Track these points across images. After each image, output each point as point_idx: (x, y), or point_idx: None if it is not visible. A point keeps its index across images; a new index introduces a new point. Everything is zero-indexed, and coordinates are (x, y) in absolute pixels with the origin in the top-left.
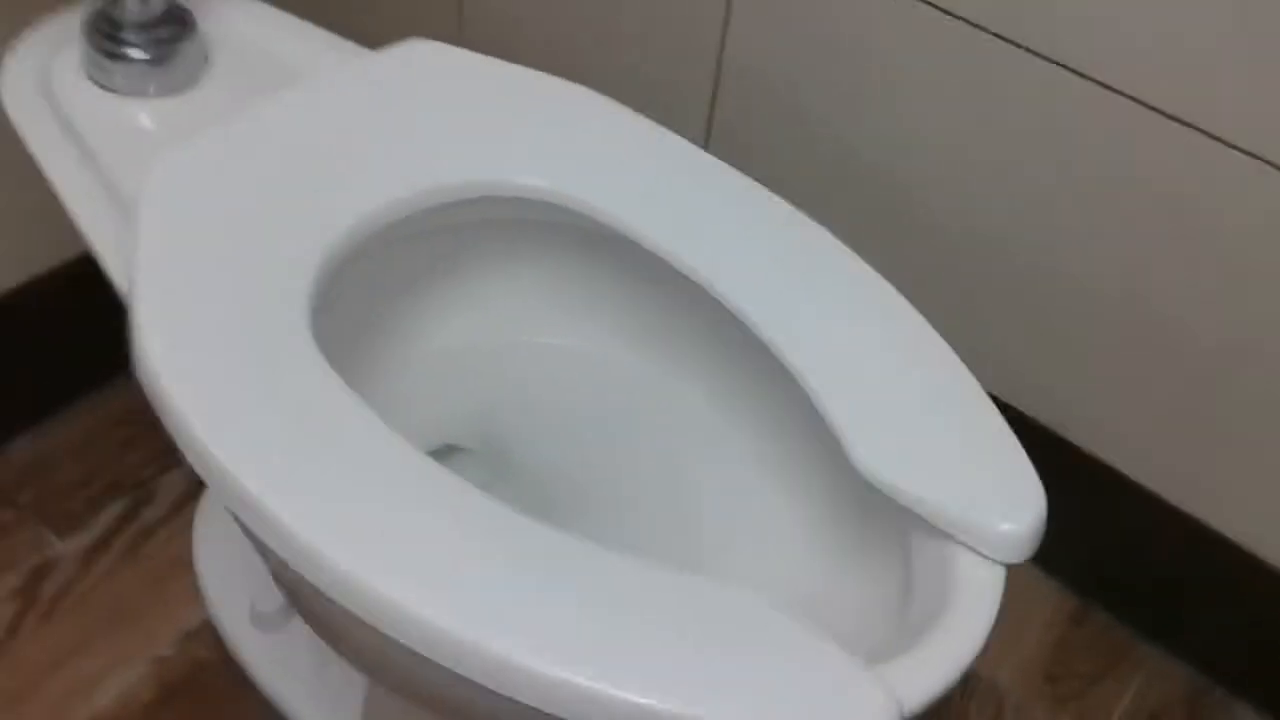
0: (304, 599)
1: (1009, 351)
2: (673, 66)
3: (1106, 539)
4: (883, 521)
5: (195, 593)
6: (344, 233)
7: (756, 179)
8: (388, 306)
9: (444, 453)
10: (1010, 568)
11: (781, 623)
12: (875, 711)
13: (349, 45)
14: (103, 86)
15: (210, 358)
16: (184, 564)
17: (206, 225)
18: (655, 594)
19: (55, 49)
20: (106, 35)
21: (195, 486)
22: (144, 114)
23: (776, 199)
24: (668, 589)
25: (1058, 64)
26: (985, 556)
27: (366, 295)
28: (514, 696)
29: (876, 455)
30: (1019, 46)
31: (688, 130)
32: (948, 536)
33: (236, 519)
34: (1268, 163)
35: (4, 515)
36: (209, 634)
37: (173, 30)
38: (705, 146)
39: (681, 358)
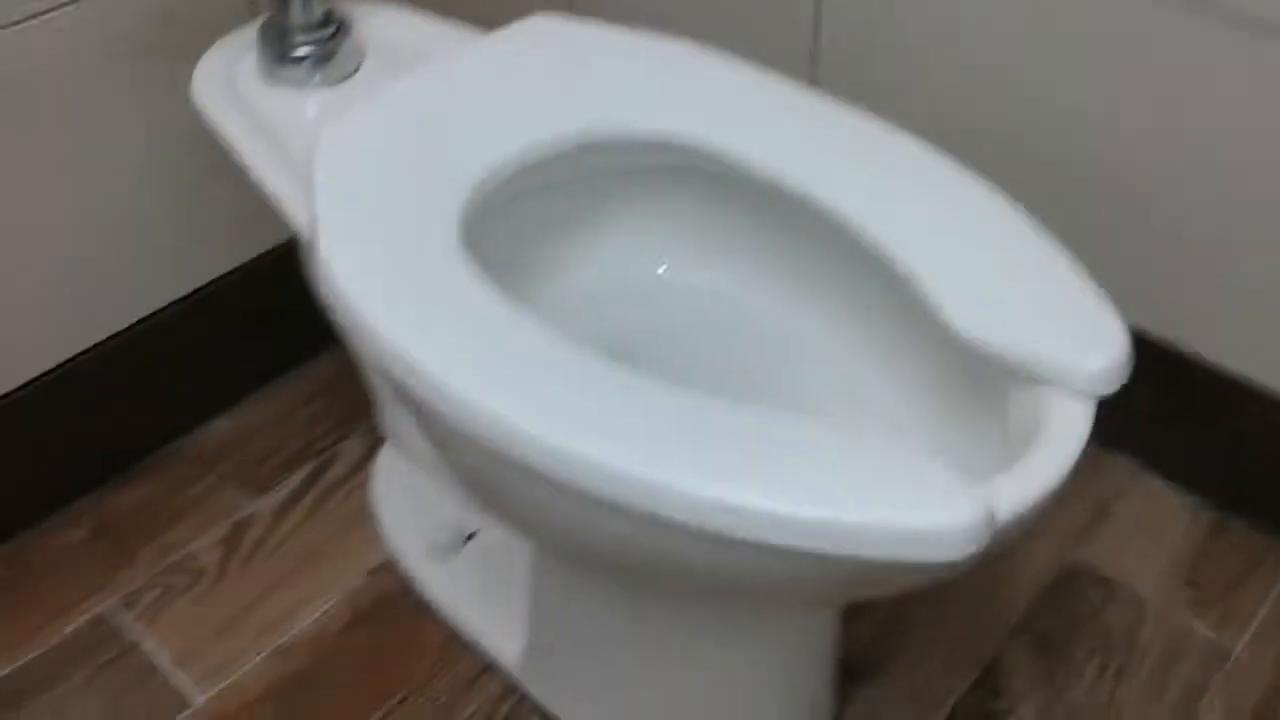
0: (468, 461)
1: (1133, 269)
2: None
3: (1240, 449)
4: (981, 379)
5: (375, 538)
6: (489, 172)
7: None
8: (537, 242)
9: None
10: (1101, 401)
11: (890, 449)
12: (970, 515)
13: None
14: (279, 84)
15: (382, 275)
16: (364, 516)
17: (370, 176)
18: (785, 433)
19: (237, 56)
20: (277, 39)
21: (371, 449)
22: (310, 102)
23: (869, 117)
24: (795, 429)
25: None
26: (1076, 391)
27: (518, 230)
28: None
29: (966, 315)
30: None
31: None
32: (1038, 379)
33: (414, 407)
34: None
35: (207, 481)
36: (391, 569)
37: (332, 32)
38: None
39: (801, 277)
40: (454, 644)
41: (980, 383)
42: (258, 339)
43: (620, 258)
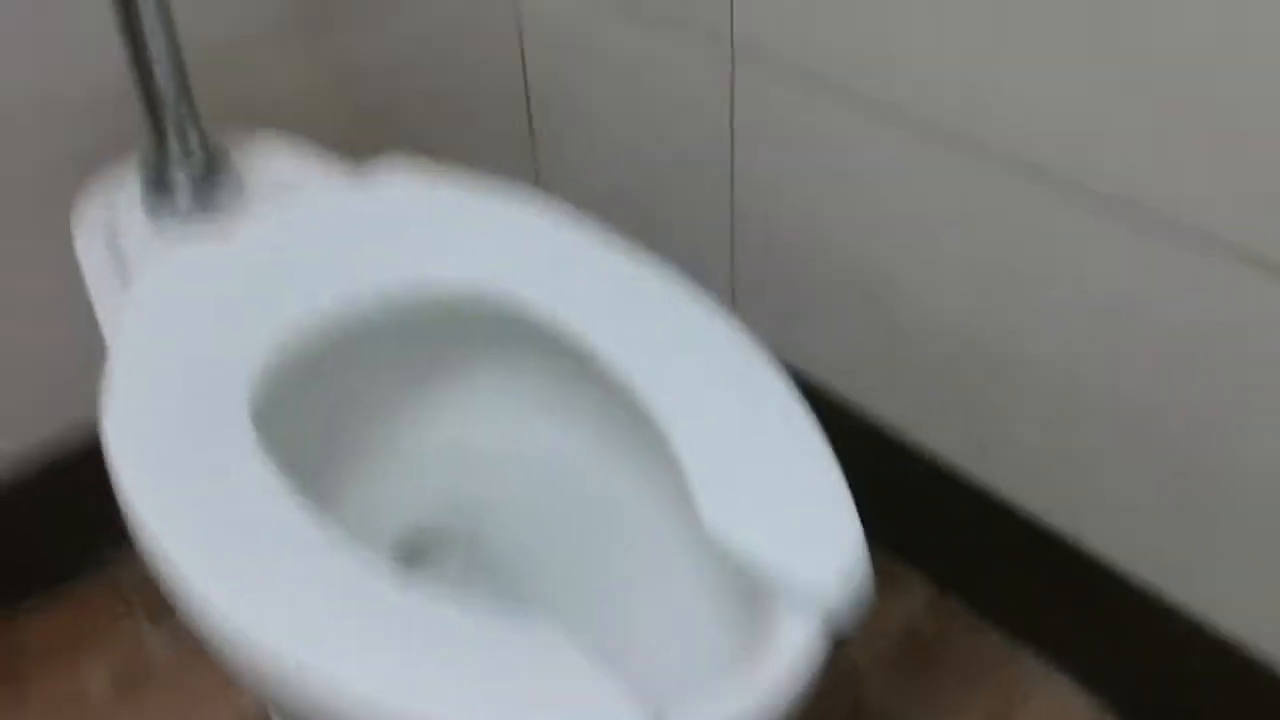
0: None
1: (1026, 455)
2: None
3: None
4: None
5: None
6: (291, 334)
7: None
8: (367, 402)
9: (429, 533)
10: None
11: (571, 656)
12: None
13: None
14: (155, 216)
15: (158, 452)
16: None
17: (178, 324)
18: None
19: (117, 190)
20: (154, 173)
21: None
22: (184, 234)
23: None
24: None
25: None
26: (803, 612)
27: (344, 391)
28: None
29: (718, 522)
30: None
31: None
32: (775, 592)
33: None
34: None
35: (118, 607)
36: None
37: (208, 164)
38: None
39: (616, 445)
40: None
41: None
42: None
43: (459, 417)
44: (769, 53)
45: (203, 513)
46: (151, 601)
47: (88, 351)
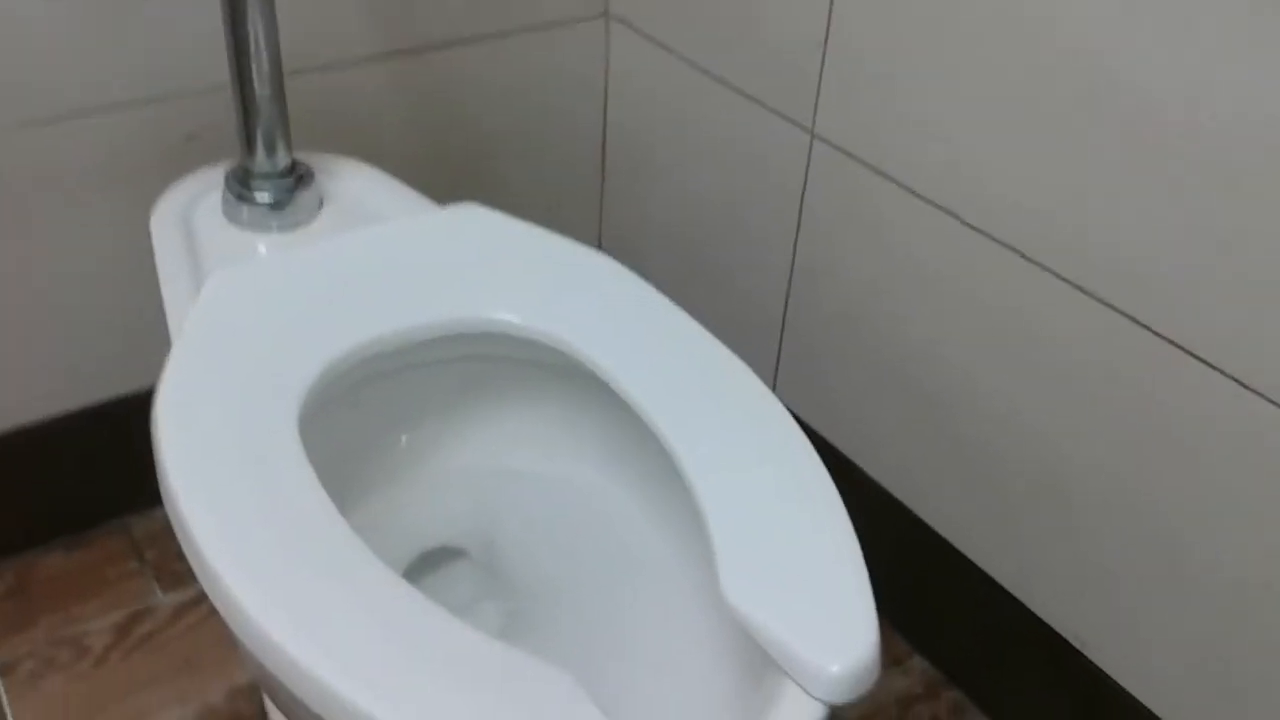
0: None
1: (1058, 572)
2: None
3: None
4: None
5: None
6: (344, 355)
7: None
8: (400, 425)
9: (445, 554)
10: (833, 709)
11: (584, 708)
12: None
13: (429, 204)
14: (233, 223)
15: (205, 452)
16: None
17: (235, 334)
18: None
19: (202, 193)
20: (240, 180)
21: None
22: (261, 244)
23: (738, 364)
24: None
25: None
26: (809, 694)
27: (380, 412)
28: None
29: (740, 589)
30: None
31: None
32: (782, 670)
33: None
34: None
35: (130, 564)
36: (254, 695)
37: (294, 181)
38: (780, 341)
39: (636, 485)
40: None
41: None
42: None
43: (491, 442)
44: (848, 145)
45: (240, 506)
46: (163, 563)
47: (143, 328)
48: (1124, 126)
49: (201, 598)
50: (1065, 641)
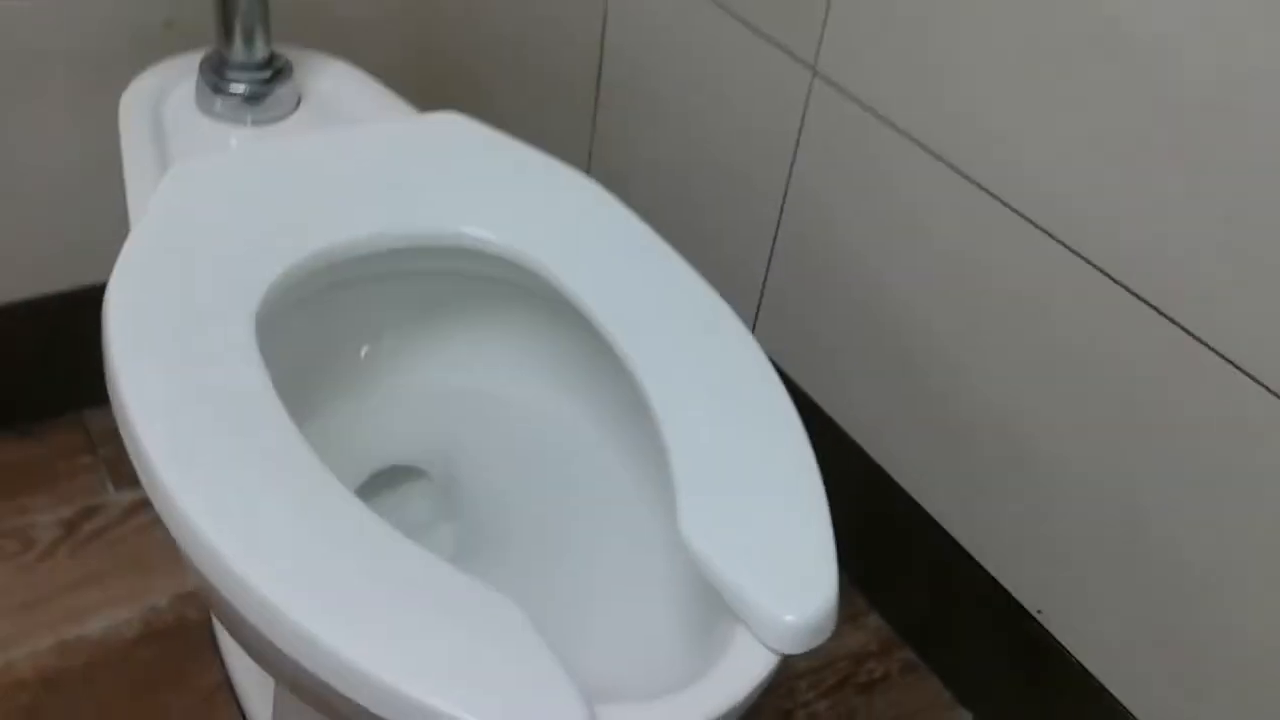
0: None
1: (1002, 528)
2: (745, 213)
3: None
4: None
5: None
6: (294, 264)
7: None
8: (364, 336)
9: (402, 472)
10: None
11: (528, 637)
12: None
13: (410, 109)
14: (205, 114)
15: (157, 349)
16: None
17: (193, 230)
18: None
19: (175, 81)
20: (215, 70)
21: None
22: (233, 137)
23: (717, 301)
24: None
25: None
26: (762, 643)
27: (342, 322)
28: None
29: (697, 528)
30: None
31: (751, 265)
32: (735, 615)
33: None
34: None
35: (83, 459)
36: (202, 600)
37: (271, 74)
38: (764, 279)
39: (601, 413)
40: (221, 692)
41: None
42: None
43: (453, 360)
44: (850, 86)
45: (188, 409)
46: (118, 459)
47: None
48: (1138, 86)
49: None
50: (1021, 607)
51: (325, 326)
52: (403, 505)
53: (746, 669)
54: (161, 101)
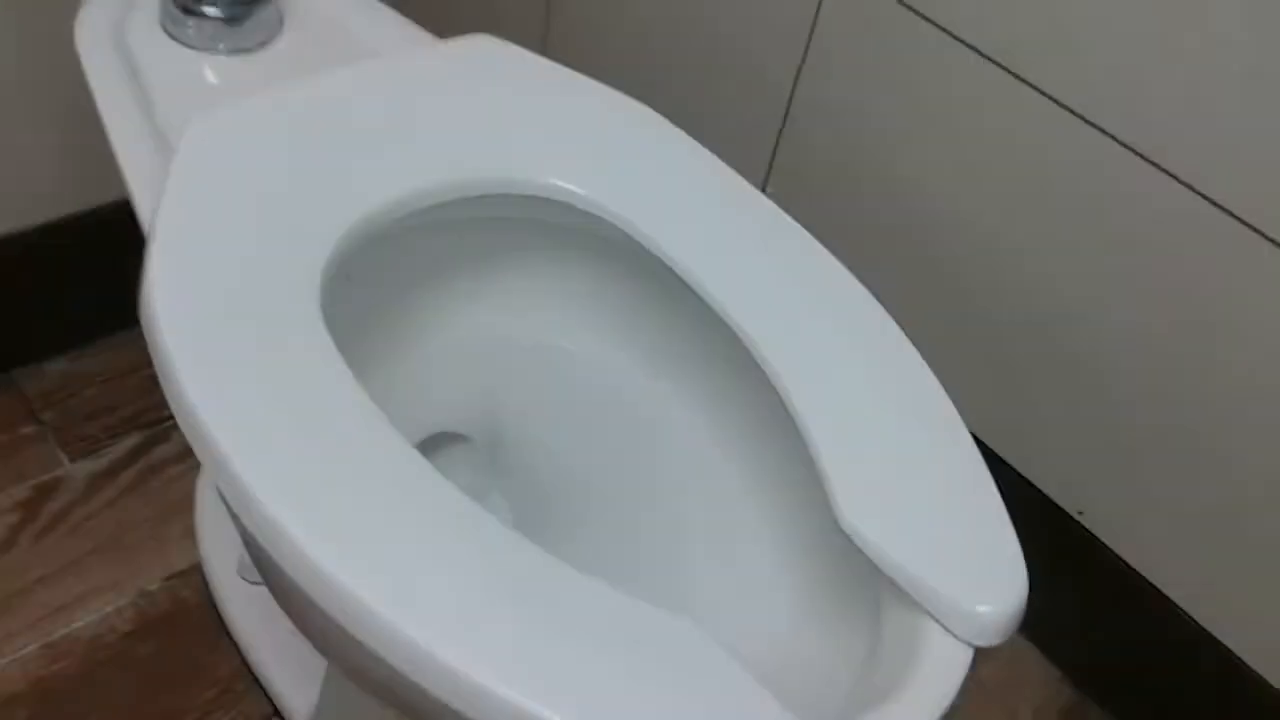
0: (267, 571)
1: (1038, 429)
2: (745, 97)
3: (1112, 634)
4: (860, 578)
5: (190, 536)
6: (366, 215)
7: (809, 213)
8: (409, 290)
9: (441, 439)
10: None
11: (717, 658)
12: None
13: (420, 33)
14: (175, 40)
15: (215, 325)
16: (185, 507)
17: (234, 188)
18: (603, 619)
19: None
20: None
21: None
22: (210, 69)
23: (807, 238)
24: (614, 613)
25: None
26: (955, 636)
27: (389, 276)
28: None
29: (861, 513)
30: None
31: (754, 146)
32: (920, 608)
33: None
34: None
35: (25, 429)
36: (196, 578)
37: None
38: (769, 169)
39: (691, 381)
40: (242, 679)
41: (859, 574)
42: (118, 282)
43: (510, 313)
44: None
45: (276, 420)
46: (66, 425)
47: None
48: None
49: (117, 468)
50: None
51: (367, 287)
52: (451, 470)
53: (948, 666)
54: (123, 27)
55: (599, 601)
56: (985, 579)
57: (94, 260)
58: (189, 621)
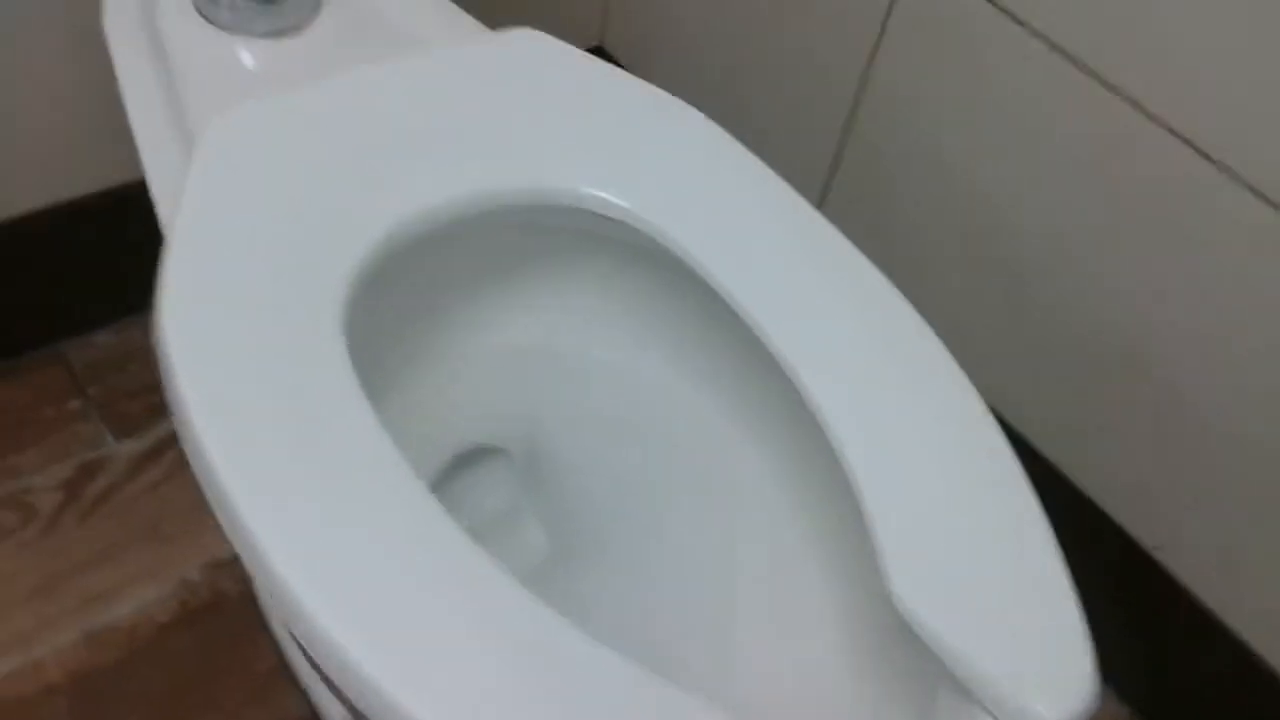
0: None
1: (1116, 458)
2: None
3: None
4: (913, 654)
5: None
6: (396, 225)
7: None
8: (441, 298)
9: (479, 453)
10: None
11: None
12: None
13: (465, 18)
14: (209, 21)
15: (230, 361)
16: None
17: (256, 194)
18: (614, 697)
19: None
20: None
21: None
22: (244, 52)
23: (867, 265)
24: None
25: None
26: None
27: (422, 284)
28: None
29: (917, 593)
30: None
31: (812, 162)
32: (975, 701)
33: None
34: None
35: (71, 404)
36: (238, 568)
37: None
38: (828, 183)
39: (744, 410)
40: (282, 678)
41: (909, 644)
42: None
43: (545, 323)
44: None
45: (283, 451)
46: (111, 402)
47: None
48: None
49: (163, 447)
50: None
51: (399, 295)
52: (482, 489)
53: None
54: (154, 8)
55: (609, 676)
56: (1048, 680)
57: (145, 229)
58: (229, 614)
